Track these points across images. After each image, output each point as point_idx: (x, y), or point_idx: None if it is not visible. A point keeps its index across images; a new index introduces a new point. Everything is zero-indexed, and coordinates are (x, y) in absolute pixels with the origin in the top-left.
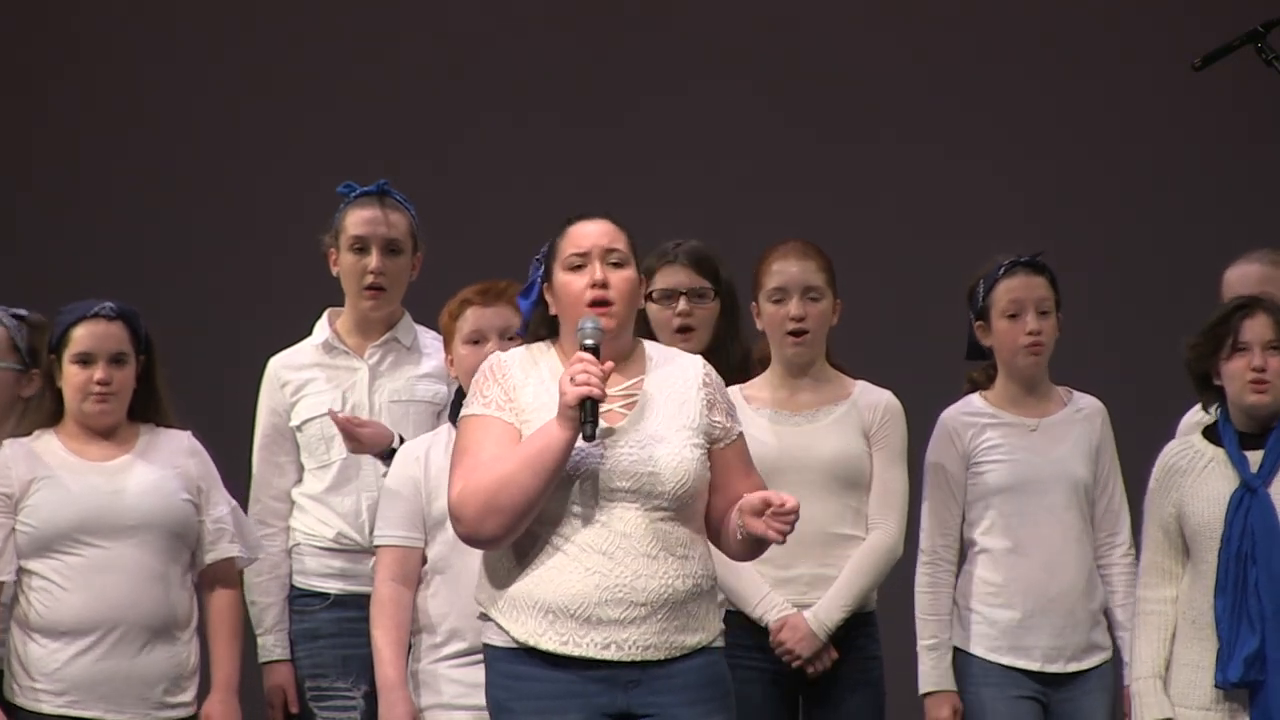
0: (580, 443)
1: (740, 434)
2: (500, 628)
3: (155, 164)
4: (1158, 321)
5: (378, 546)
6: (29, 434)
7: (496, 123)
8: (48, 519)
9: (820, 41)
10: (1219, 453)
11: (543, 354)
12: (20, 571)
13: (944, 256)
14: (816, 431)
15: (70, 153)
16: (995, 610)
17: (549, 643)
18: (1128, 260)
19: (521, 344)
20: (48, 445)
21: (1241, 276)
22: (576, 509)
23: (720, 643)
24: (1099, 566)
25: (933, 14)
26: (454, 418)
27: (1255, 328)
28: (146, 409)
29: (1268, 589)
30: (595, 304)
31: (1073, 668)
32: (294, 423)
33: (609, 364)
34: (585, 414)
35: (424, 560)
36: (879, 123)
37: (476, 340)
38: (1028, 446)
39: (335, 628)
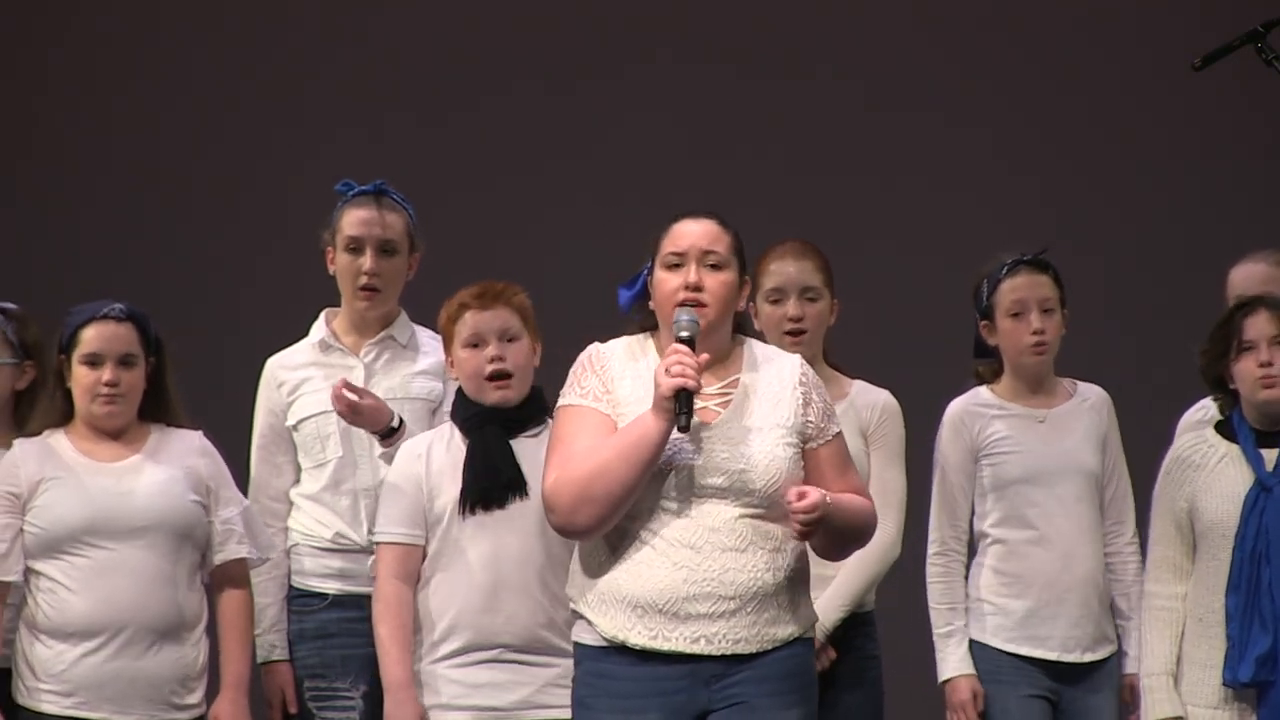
0: (674, 436)
1: (838, 434)
2: (589, 623)
3: (153, 164)
4: (1162, 315)
5: (378, 544)
6: (39, 434)
7: (497, 123)
8: (55, 520)
9: (821, 41)
10: (1233, 448)
11: (643, 346)
12: (28, 572)
13: (946, 256)
14: None
15: (68, 152)
16: (1010, 601)
17: (638, 638)
18: (1130, 255)
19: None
20: (58, 445)
21: (1247, 276)
22: (667, 504)
23: (811, 634)
24: (1105, 556)
25: (935, 10)
26: (454, 416)
27: (1258, 324)
28: (157, 410)
29: None
30: (686, 304)
31: (1088, 658)
32: (290, 422)
33: (704, 356)
34: (680, 405)
35: (424, 557)
36: (881, 121)
37: (475, 344)
38: (1037, 438)
39: (334, 628)
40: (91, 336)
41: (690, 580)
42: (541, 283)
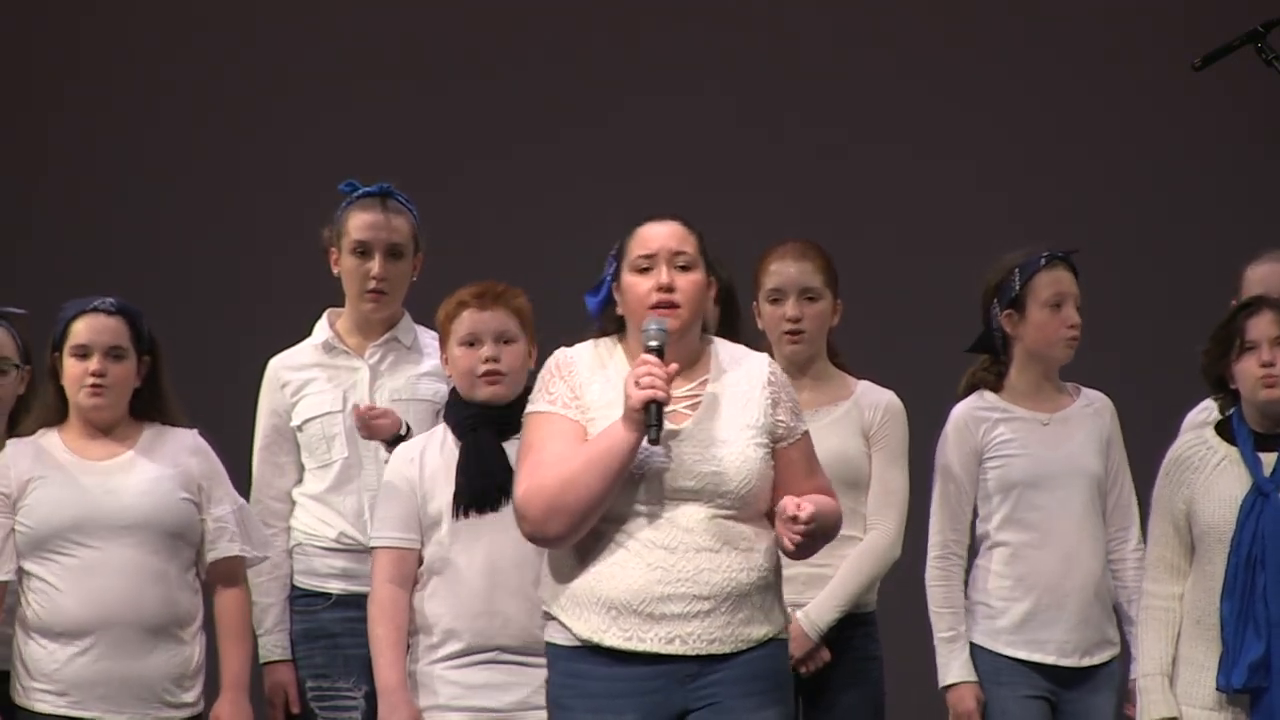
0: (645, 445)
1: (805, 433)
2: (563, 625)
3: (155, 165)
4: (1164, 317)
5: (374, 548)
6: (33, 433)
7: (497, 121)
8: (43, 519)
9: (825, 36)
10: (1232, 451)
11: (610, 351)
12: (20, 572)
13: (951, 256)
14: (815, 431)
15: (70, 154)
16: (1009, 604)
17: (612, 639)
18: (1134, 255)
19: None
20: (49, 444)
21: (1264, 276)
22: (640, 508)
23: (785, 635)
24: (1109, 561)
25: (933, 14)
26: (449, 418)
27: (1260, 325)
28: (152, 409)
29: (1276, 595)
30: (659, 306)
31: (1086, 662)
32: (294, 423)
33: (673, 366)
34: (650, 417)
35: (420, 561)
36: (887, 121)
37: (471, 343)
38: (1040, 441)
39: (337, 628)
40: (81, 329)
41: (664, 580)
42: (541, 283)
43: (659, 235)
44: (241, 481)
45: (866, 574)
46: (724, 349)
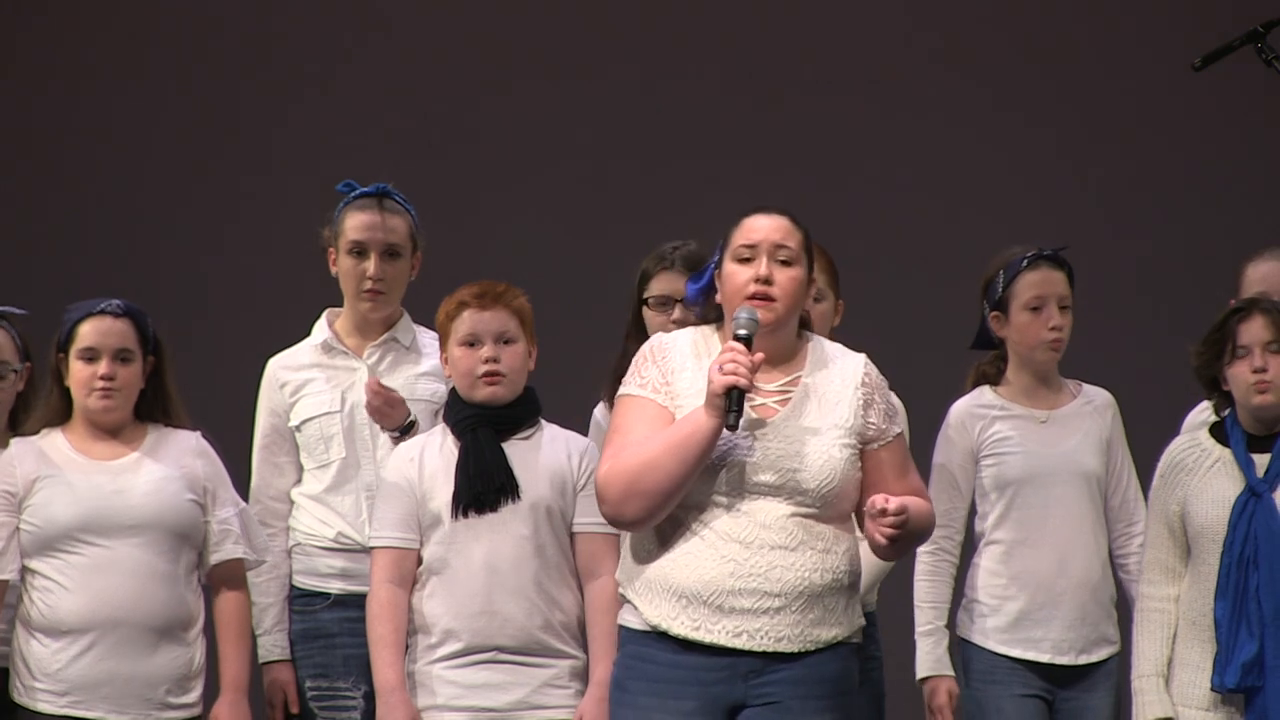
0: (725, 432)
1: (899, 435)
2: (634, 608)
3: (154, 165)
4: (1164, 317)
5: (372, 548)
6: (37, 432)
7: (496, 122)
8: (50, 518)
9: (826, 41)
10: (1225, 452)
11: (708, 339)
12: (24, 571)
13: (950, 256)
14: None
15: (68, 154)
16: (1005, 603)
17: (680, 627)
18: (1134, 254)
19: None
20: (54, 443)
21: (1265, 275)
22: (719, 498)
23: (858, 639)
24: (1117, 557)
25: (933, 14)
26: (448, 418)
27: (1253, 330)
28: (157, 409)
29: (1269, 595)
30: (756, 298)
31: (1082, 660)
32: (293, 423)
33: (759, 355)
34: (730, 403)
35: (419, 561)
36: (887, 120)
37: (472, 343)
38: (1038, 439)
39: (336, 627)
40: (88, 331)
41: (737, 574)
42: (541, 283)
43: (763, 227)
44: (240, 482)
45: (870, 573)
46: (823, 346)
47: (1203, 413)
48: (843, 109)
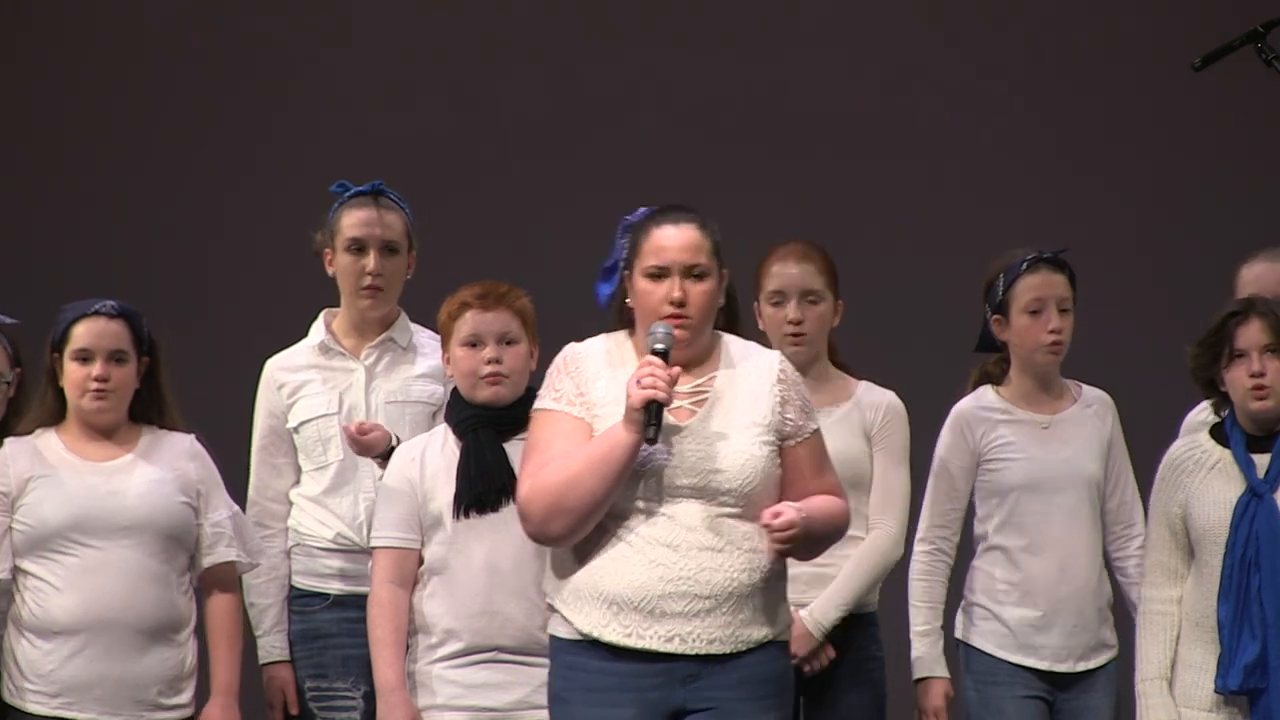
0: (644, 445)
1: (815, 431)
2: (564, 618)
3: (153, 166)
4: (1164, 318)
5: (374, 548)
6: (31, 432)
7: (497, 121)
8: (43, 518)
9: (829, 36)
10: (1225, 454)
11: (621, 346)
12: (16, 571)
13: (951, 255)
14: None
15: (67, 154)
16: (1006, 609)
17: (612, 634)
18: (1134, 254)
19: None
20: (48, 444)
21: (1259, 276)
22: (642, 504)
23: (786, 637)
24: (1115, 560)
25: (933, 15)
26: (449, 418)
27: (1250, 334)
28: (150, 411)
29: (1270, 595)
30: (671, 318)
31: (1081, 667)
32: (291, 424)
33: (676, 369)
34: (649, 417)
35: (420, 561)
36: (889, 120)
37: (474, 344)
38: (1040, 444)
39: (335, 628)
40: (82, 332)
41: (666, 578)
42: (541, 283)
43: (673, 246)
44: (238, 484)
45: (869, 573)
46: (733, 345)
47: (1200, 413)
48: (844, 109)
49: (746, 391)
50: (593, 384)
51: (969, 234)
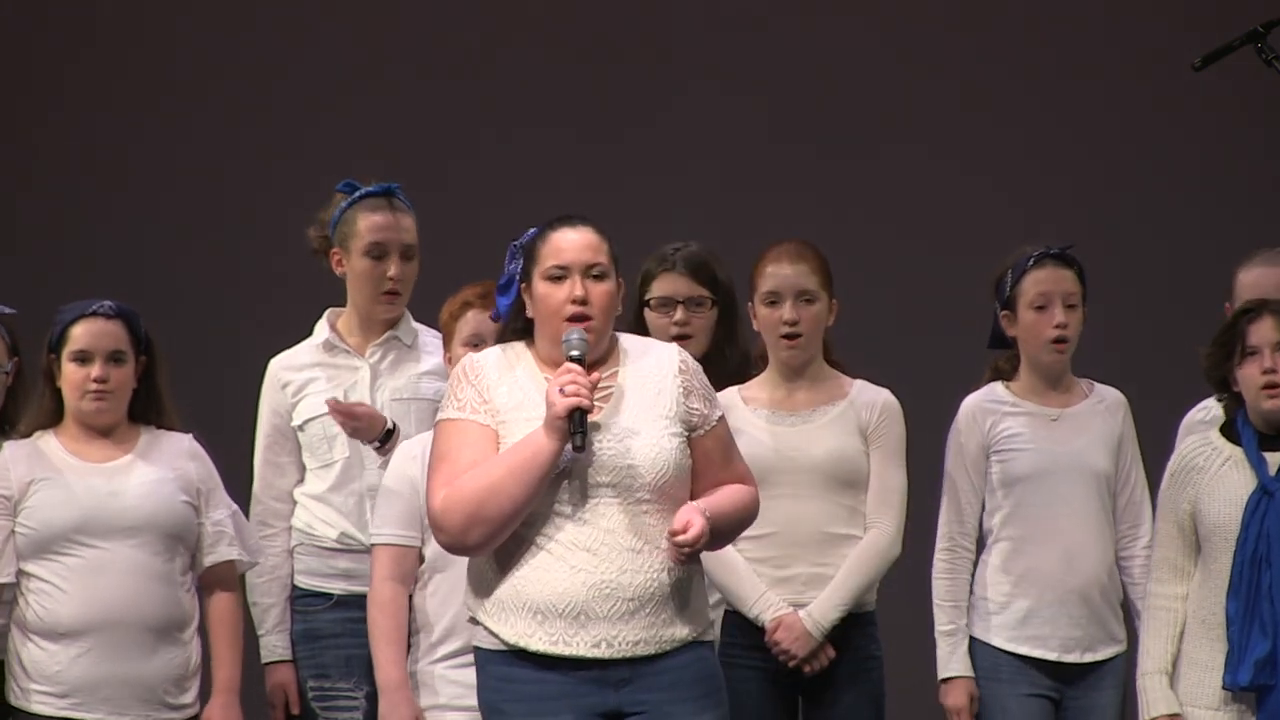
0: (568, 451)
1: (721, 419)
2: (489, 631)
3: (155, 164)
4: (1164, 318)
5: (374, 546)
6: (29, 435)
7: (500, 120)
8: (46, 520)
9: (828, 31)
10: (1236, 451)
11: (519, 355)
12: (20, 573)
13: (951, 252)
14: (812, 431)
15: (70, 152)
16: (1012, 600)
17: (539, 643)
18: (1135, 254)
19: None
20: (47, 446)
21: (1256, 280)
22: (559, 508)
23: (710, 636)
24: (1120, 559)
25: (934, 16)
26: None
27: (1262, 331)
28: (148, 410)
29: None
30: (575, 319)
31: (1089, 658)
32: (295, 423)
33: (596, 375)
34: (575, 424)
35: (421, 559)
36: (888, 119)
37: (476, 343)
38: (1048, 436)
39: (338, 628)
40: (80, 333)
41: (589, 583)
42: None
43: (573, 246)
44: (241, 482)
45: (867, 572)
46: (629, 342)
47: (1199, 413)
48: (844, 109)
49: (650, 385)
50: (494, 390)
51: (968, 233)
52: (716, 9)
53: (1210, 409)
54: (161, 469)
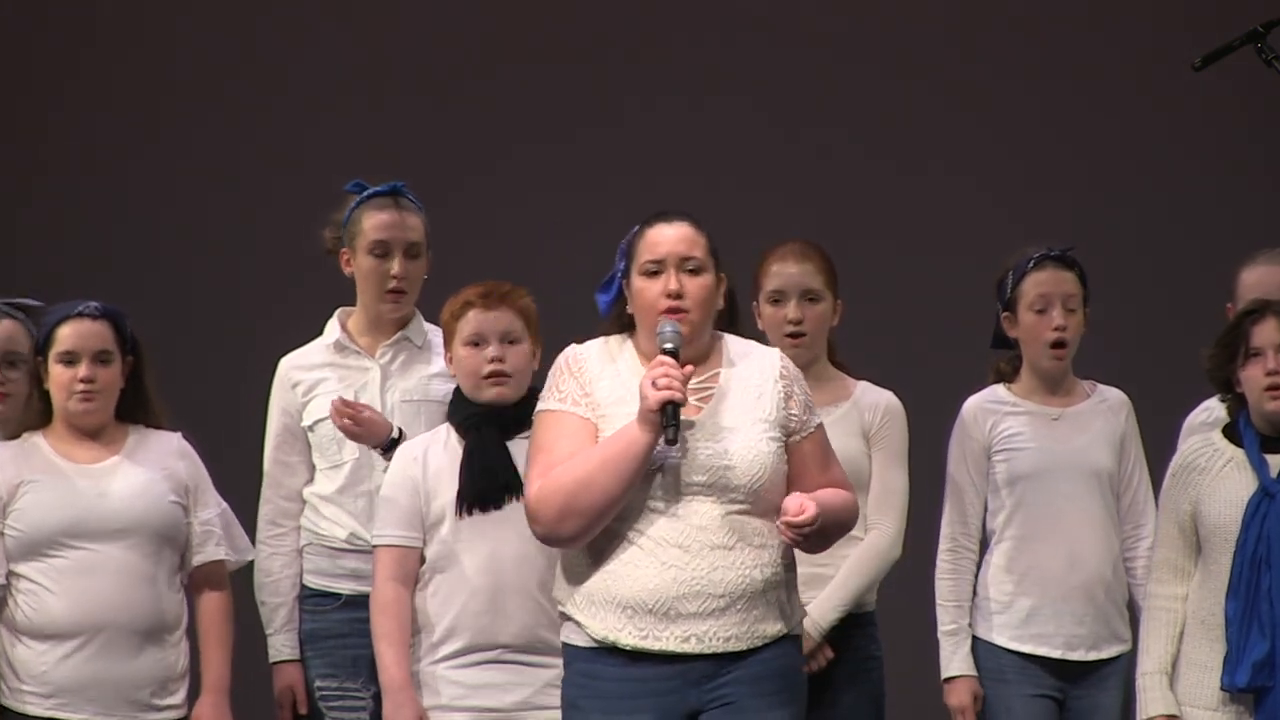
0: (661, 445)
1: (819, 426)
2: (579, 625)
3: (162, 165)
4: (1164, 318)
5: (376, 547)
6: (17, 436)
7: (501, 120)
8: (35, 522)
9: (830, 35)
10: (1238, 453)
11: (620, 347)
12: (9, 575)
13: (953, 254)
14: None
15: (75, 153)
16: (1016, 598)
17: (628, 638)
18: (1135, 254)
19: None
20: (35, 448)
21: (1259, 280)
22: (654, 504)
23: (799, 631)
24: (1124, 559)
25: (934, 17)
26: (452, 417)
27: (1265, 332)
28: (135, 410)
29: None
30: (669, 312)
31: (1092, 656)
32: (306, 423)
33: (689, 368)
34: (667, 418)
35: (422, 560)
36: (883, 121)
37: (476, 343)
38: (1049, 435)
39: (346, 628)
40: (67, 334)
41: (679, 580)
42: (546, 283)
43: (668, 240)
44: (251, 482)
45: (868, 573)
46: (733, 343)
47: (1200, 414)
48: (844, 109)
49: (750, 388)
50: (596, 383)
51: (969, 234)
52: (716, 9)
53: (1212, 410)
54: (150, 469)
